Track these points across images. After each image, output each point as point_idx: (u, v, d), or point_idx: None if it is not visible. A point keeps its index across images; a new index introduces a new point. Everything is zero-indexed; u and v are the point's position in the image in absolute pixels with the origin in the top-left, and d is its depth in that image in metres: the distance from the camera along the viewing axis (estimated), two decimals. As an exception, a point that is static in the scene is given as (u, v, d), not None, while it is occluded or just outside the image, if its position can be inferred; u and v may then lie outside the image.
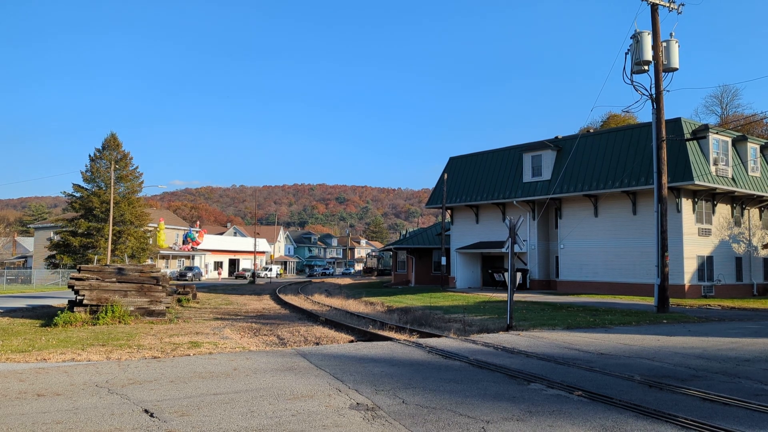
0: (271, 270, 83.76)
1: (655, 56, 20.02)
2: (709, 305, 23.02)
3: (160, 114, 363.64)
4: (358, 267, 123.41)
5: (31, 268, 65.70)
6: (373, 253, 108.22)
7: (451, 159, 41.37)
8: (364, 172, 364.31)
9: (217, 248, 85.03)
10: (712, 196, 29.52)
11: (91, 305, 18.08)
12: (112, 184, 49.88)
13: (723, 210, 30.41)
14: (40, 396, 7.08)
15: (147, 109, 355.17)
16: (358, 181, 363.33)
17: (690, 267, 28.04)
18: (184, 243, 77.75)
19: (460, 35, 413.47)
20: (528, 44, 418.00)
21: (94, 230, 53.61)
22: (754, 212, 32.53)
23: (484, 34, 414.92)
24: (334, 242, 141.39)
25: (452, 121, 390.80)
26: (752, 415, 6.23)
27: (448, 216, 41.48)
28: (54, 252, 55.15)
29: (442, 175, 40.33)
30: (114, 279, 19.18)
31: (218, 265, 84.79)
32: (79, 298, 18.18)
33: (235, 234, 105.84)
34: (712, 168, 27.93)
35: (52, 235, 65.73)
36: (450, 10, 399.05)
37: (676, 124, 28.14)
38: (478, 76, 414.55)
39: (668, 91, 20.48)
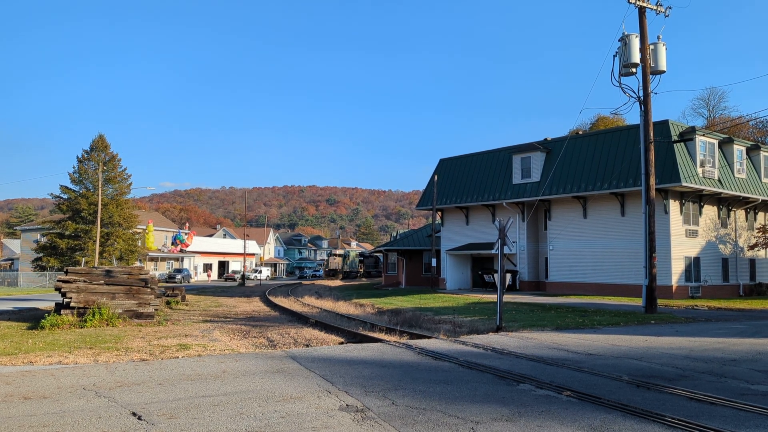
0: (260, 272, 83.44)
1: (643, 59, 20.19)
2: (696, 306, 23.23)
3: (149, 115, 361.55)
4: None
5: (17, 270, 65.07)
6: (337, 252, 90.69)
7: (442, 161, 41.48)
8: (355, 173, 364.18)
9: (207, 250, 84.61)
10: (699, 198, 29.82)
11: (79, 308, 17.92)
12: (101, 185, 49.50)
13: (710, 211, 30.73)
14: (26, 399, 7.01)
15: (135, 111, 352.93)
16: (349, 182, 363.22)
17: (677, 268, 28.28)
18: (173, 245, 77.30)
19: (449, 37, 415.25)
20: (518, 47, 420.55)
21: (81, 232, 53.18)
22: (741, 213, 32.88)
23: (477, 36, 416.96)
24: (325, 244, 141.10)
25: (443, 123, 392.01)
26: (738, 414, 6.29)
27: (438, 217, 41.57)
28: (41, 254, 54.66)
29: (433, 176, 40.42)
30: (102, 281, 19.02)
31: (208, 267, 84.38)
32: (66, 300, 18.02)
33: (224, 236, 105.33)
34: (699, 170, 28.20)
35: (38, 237, 65.11)
36: (441, 10, 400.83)
37: (663, 126, 28.40)
38: (469, 78, 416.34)
39: (656, 93, 20.75)
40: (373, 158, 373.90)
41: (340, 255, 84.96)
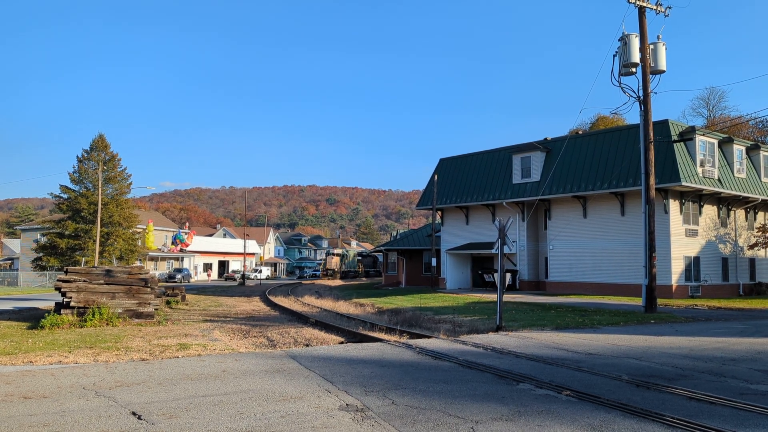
0: (260, 272, 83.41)
1: (643, 59, 20.18)
2: (696, 305, 23.23)
3: (149, 115, 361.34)
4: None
5: (17, 270, 65.04)
6: (335, 252, 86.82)
7: (442, 160, 41.47)
8: (355, 173, 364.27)
9: (207, 250, 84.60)
10: (699, 198, 29.82)
11: (79, 307, 17.92)
12: (100, 185, 49.48)
13: (710, 211, 30.73)
14: (26, 398, 7.01)
15: (136, 111, 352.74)
16: (349, 182, 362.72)
17: (677, 267, 28.28)
18: (173, 244, 77.28)
19: (449, 37, 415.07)
20: (518, 47, 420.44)
21: (81, 232, 53.15)
22: (740, 213, 32.88)
23: (477, 36, 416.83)
24: (325, 244, 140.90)
25: (443, 123, 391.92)
26: (737, 414, 6.30)
27: (438, 217, 41.57)
28: (41, 254, 54.61)
29: (433, 176, 40.41)
30: (102, 281, 19.02)
31: (208, 267, 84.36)
32: (66, 300, 18.01)
33: (224, 235, 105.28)
34: (699, 169, 28.20)
35: (38, 236, 65.08)
36: (441, 10, 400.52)
37: (663, 125, 28.40)
38: (469, 78, 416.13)
39: (656, 93, 20.75)
40: (373, 158, 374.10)
41: (338, 255, 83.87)
